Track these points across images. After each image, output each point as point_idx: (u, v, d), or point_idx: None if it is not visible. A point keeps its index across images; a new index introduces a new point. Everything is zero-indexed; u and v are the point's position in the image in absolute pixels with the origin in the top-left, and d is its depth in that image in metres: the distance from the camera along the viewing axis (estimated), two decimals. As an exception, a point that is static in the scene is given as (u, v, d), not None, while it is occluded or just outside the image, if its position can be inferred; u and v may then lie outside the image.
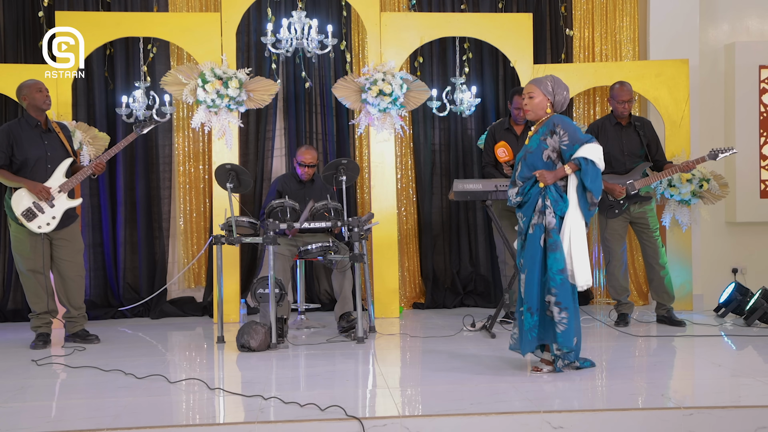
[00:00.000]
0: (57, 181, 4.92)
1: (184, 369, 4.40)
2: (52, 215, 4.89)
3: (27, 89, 4.93)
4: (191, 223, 6.56)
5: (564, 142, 3.92)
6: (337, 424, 3.19)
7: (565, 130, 3.92)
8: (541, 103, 3.99)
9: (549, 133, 3.96)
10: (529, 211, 3.99)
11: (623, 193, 5.31)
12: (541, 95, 3.98)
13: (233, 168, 5.16)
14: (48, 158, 4.92)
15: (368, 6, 6.09)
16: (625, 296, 5.50)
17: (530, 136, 4.06)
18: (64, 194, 4.93)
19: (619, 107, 5.40)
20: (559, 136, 3.93)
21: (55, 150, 4.96)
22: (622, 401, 3.55)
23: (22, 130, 4.92)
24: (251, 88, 5.89)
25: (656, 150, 5.49)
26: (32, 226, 4.84)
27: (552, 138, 3.95)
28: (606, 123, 5.51)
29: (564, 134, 3.92)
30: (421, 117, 6.70)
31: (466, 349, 4.69)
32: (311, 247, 5.35)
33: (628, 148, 5.41)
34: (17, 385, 3.96)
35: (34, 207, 4.84)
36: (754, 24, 6.73)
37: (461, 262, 6.77)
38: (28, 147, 4.88)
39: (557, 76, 4.10)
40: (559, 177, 3.93)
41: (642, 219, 5.45)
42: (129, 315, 6.26)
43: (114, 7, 6.35)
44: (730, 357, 4.55)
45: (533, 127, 4.08)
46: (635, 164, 5.40)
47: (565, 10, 6.74)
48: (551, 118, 3.99)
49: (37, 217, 4.85)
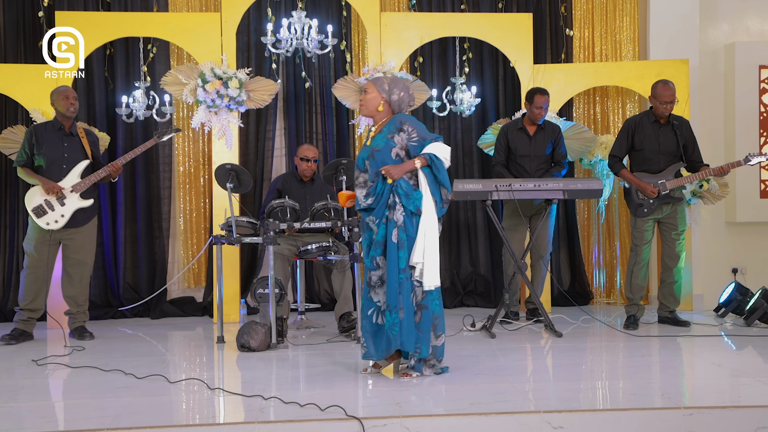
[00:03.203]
0: (71, 181, 5.09)
1: (184, 369, 4.40)
2: (61, 213, 5.05)
3: (56, 95, 5.19)
4: (191, 223, 6.56)
5: (413, 138, 3.89)
6: (337, 424, 3.19)
7: (413, 128, 3.91)
8: (374, 100, 3.96)
9: (396, 131, 3.91)
10: (381, 211, 3.88)
11: (655, 193, 5.24)
12: (375, 92, 3.96)
13: (233, 168, 5.16)
14: (65, 159, 5.12)
15: (368, 6, 6.09)
16: (639, 297, 5.45)
17: (372, 136, 3.99)
18: (76, 194, 5.09)
19: (660, 108, 5.26)
20: (407, 133, 3.90)
21: (73, 152, 5.15)
22: (622, 401, 3.55)
23: (45, 132, 5.17)
24: (251, 88, 5.89)
25: (693, 150, 5.39)
26: (41, 222, 5.03)
27: (399, 135, 3.90)
28: (644, 120, 5.39)
29: (413, 131, 3.90)
30: (421, 117, 6.69)
31: (466, 349, 4.68)
32: (311, 247, 5.35)
33: (664, 147, 5.31)
34: (17, 385, 3.96)
35: (44, 204, 5.03)
36: (754, 24, 6.73)
37: (461, 262, 6.77)
38: (47, 148, 5.10)
39: (402, 80, 4.08)
40: (407, 170, 3.85)
41: (671, 219, 5.37)
42: (129, 315, 6.26)
43: (114, 7, 6.35)
44: (730, 357, 4.54)
45: (375, 127, 4.02)
46: (669, 164, 5.33)
47: (565, 10, 6.74)
48: (397, 116, 3.96)
49: (46, 214, 5.03)
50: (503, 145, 5.74)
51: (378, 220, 3.89)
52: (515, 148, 5.70)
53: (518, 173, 5.68)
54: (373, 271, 3.93)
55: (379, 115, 4.00)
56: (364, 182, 3.95)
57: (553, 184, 5.26)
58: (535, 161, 5.67)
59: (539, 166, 5.68)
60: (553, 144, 5.71)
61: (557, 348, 4.74)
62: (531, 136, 5.68)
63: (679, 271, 5.44)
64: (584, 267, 6.72)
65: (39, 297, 5.16)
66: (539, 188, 5.23)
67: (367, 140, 4.02)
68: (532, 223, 5.75)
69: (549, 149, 5.70)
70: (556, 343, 4.88)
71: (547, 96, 5.64)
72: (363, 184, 3.95)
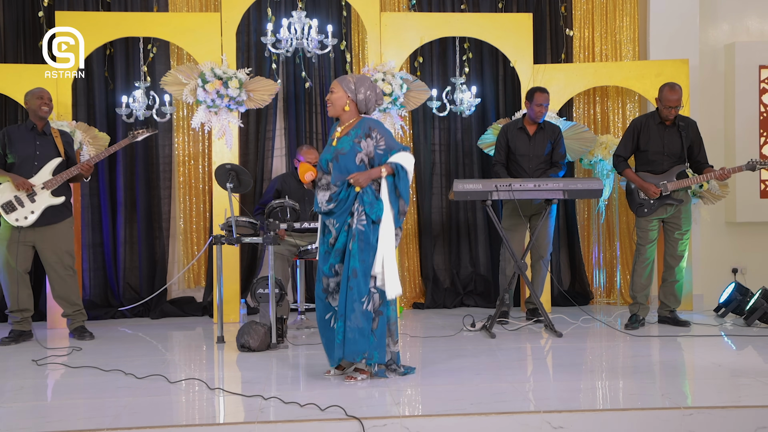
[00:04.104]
0: (42, 178, 5.05)
1: (184, 369, 4.40)
2: (31, 210, 5.01)
3: (30, 95, 5.17)
4: (191, 223, 6.56)
5: (381, 146, 3.85)
6: (337, 424, 3.19)
7: (382, 135, 3.87)
8: (340, 99, 3.89)
9: (363, 136, 3.86)
10: (342, 217, 3.84)
11: (657, 194, 5.25)
12: (341, 91, 3.90)
13: (233, 168, 5.16)
14: (37, 157, 5.09)
15: (368, 6, 6.09)
16: (643, 296, 5.44)
17: (339, 137, 3.91)
18: (47, 191, 5.04)
19: (665, 111, 5.27)
20: (375, 140, 3.85)
21: (45, 150, 5.12)
22: (622, 401, 3.55)
23: (18, 131, 5.15)
24: (251, 88, 5.89)
25: (698, 152, 5.39)
26: (10, 219, 5.00)
27: (366, 141, 3.85)
28: (650, 121, 5.39)
29: (381, 139, 3.86)
30: (421, 117, 6.70)
31: (466, 349, 4.68)
32: (311, 247, 5.35)
33: (669, 148, 5.31)
34: (17, 385, 3.96)
35: (14, 200, 4.99)
36: (754, 24, 6.73)
37: (461, 262, 6.77)
38: (19, 146, 5.07)
39: (369, 79, 4.00)
40: (373, 178, 3.81)
41: (675, 219, 5.37)
42: (129, 315, 6.26)
43: (114, 7, 6.35)
44: (730, 357, 4.54)
45: (341, 128, 3.94)
46: (673, 165, 5.32)
47: (565, 10, 6.74)
48: (365, 121, 3.91)
49: (15, 210, 4.99)
50: (503, 145, 5.75)
51: (339, 225, 3.85)
52: (515, 147, 5.70)
53: (516, 173, 5.69)
54: (332, 278, 3.89)
55: (345, 115, 3.93)
56: (327, 185, 3.88)
57: (553, 184, 5.25)
58: (534, 161, 5.68)
59: (538, 166, 5.68)
60: (552, 144, 5.71)
61: (557, 348, 4.74)
62: (531, 135, 5.69)
63: (681, 271, 5.44)
64: (584, 267, 6.72)
65: (23, 297, 5.10)
66: (539, 188, 5.22)
67: (333, 141, 3.94)
68: (531, 222, 5.75)
69: (548, 149, 5.71)
70: (556, 343, 4.88)
71: (547, 94, 5.64)
72: (326, 187, 3.88)
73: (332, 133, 3.98)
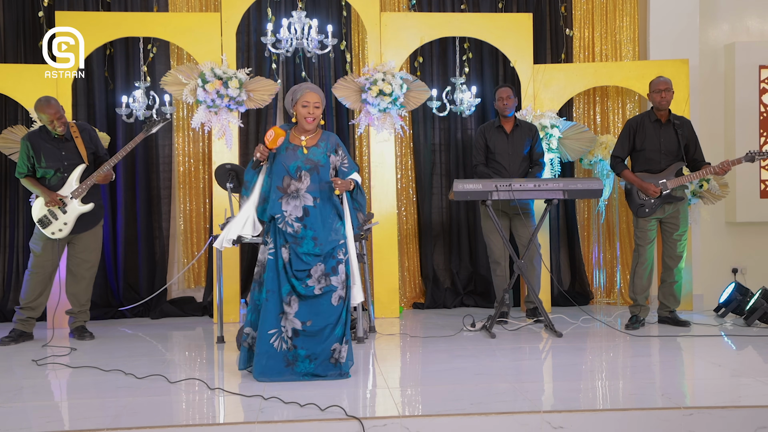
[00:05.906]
0: (70, 188, 5.12)
1: (184, 369, 4.39)
2: (64, 221, 5.09)
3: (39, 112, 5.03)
4: (191, 223, 6.56)
5: (344, 164, 4.04)
6: (337, 424, 3.19)
7: (345, 154, 4.05)
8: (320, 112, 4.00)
9: (333, 151, 4.01)
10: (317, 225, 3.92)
11: (657, 193, 5.24)
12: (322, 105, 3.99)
13: (233, 168, 5.16)
14: (65, 167, 5.13)
15: (368, 6, 6.09)
16: (643, 297, 5.44)
17: (310, 146, 3.97)
18: (76, 200, 5.11)
19: (656, 97, 5.27)
20: (340, 158, 4.03)
21: (71, 158, 5.15)
22: (622, 401, 3.55)
23: (41, 140, 5.14)
24: (251, 88, 5.89)
25: (695, 150, 5.40)
26: (47, 232, 5.09)
27: (334, 156, 4.01)
28: (645, 120, 5.40)
29: (345, 157, 4.05)
30: (421, 117, 6.70)
31: (466, 349, 4.68)
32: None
33: (666, 146, 5.32)
34: (17, 385, 3.96)
35: (48, 214, 5.09)
36: (754, 24, 6.73)
37: (461, 262, 6.77)
38: (46, 160, 5.10)
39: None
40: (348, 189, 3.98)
41: (673, 220, 5.37)
42: (129, 315, 6.26)
43: (114, 7, 6.35)
44: (730, 357, 4.54)
45: (306, 137, 3.99)
46: (671, 163, 5.32)
47: (565, 10, 6.74)
48: (330, 135, 4.05)
49: (51, 224, 5.09)
50: (482, 145, 5.77)
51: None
52: (494, 146, 5.74)
53: (497, 172, 5.69)
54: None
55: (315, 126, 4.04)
56: (296, 192, 3.91)
57: (553, 184, 5.25)
58: (515, 159, 5.70)
59: (519, 164, 5.70)
60: (530, 142, 5.74)
61: (557, 348, 4.74)
62: (508, 134, 5.72)
63: (680, 271, 5.44)
64: (584, 267, 6.72)
65: (41, 297, 5.18)
66: (539, 188, 5.22)
67: (302, 149, 3.96)
68: (513, 223, 5.77)
69: (527, 148, 5.73)
70: (556, 343, 4.88)
71: (508, 88, 5.74)
72: (295, 195, 3.92)
73: (289, 139, 3.98)
